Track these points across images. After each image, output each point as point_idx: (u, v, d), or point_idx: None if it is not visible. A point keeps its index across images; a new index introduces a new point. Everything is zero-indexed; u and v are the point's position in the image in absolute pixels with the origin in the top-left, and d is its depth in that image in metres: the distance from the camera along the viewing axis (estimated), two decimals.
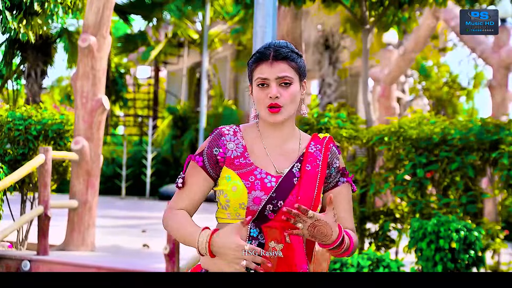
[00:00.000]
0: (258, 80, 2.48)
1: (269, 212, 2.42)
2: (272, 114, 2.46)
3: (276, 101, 2.45)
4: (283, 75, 2.47)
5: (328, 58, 19.02)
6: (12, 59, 11.46)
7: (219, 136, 2.51)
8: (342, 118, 7.51)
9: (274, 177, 2.46)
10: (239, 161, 2.48)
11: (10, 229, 7.20)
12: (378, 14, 8.90)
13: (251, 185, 2.43)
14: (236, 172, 2.46)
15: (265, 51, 2.50)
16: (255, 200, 2.42)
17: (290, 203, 2.43)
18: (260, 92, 2.48)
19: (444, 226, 5.96)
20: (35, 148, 7.91)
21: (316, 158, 2.52)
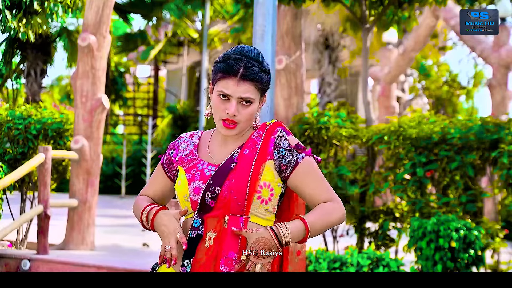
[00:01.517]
0: (220, 91, 2.49)
1: (209, 200, 2.47)
2: (225, 129, 2.51)
3: (233, 118, 2.48)
4: (245, 96, 2.47)
5: (328, 57, 19.01)
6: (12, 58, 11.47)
7: (177, 139, 2.67)
8: (341, 117, 7.51)
9: (214, 166, 2.52)
10: (187, 158, 2.58)
11: (10, 228, 7.20)
12: (378, 13, 8.90)
13: (191, 176, 2.51)
14: (183, 168, 2.56)
15: (234, 65, 2.46)
16: (195, 190, 2.49)
17: (227, 188, 2.45)
18: (219, 103, 2.50)
19: (444, 225, 5.96)
20: (35, 147, 7.91)
21: (255, 142, 2.53)
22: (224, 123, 2.49)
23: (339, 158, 7.46)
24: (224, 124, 2.49)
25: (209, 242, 2.44)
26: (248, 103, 2.48)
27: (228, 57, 2.49)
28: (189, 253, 2.46)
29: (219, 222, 2.45)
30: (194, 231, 2.48)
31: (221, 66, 2.50)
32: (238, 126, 2.50)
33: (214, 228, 2.45)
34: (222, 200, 2.45)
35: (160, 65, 24.80)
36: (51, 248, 7.74)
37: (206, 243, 2.44)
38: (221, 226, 2.45)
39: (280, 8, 7.89)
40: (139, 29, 20.82)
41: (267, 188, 2.47)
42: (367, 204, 7.28)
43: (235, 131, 2.51)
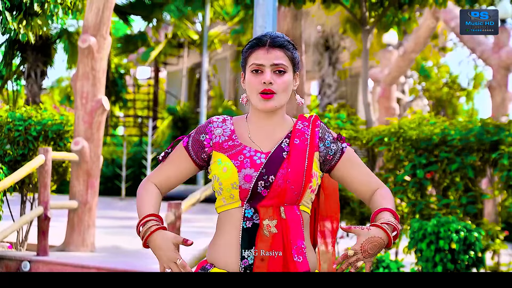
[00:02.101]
0: (252, 66, 2.48)
1: (262, 189, 2.42)
2: (264, 100, 2.46)
3: (269, 87, 2.46)
4: (278, 62, 2.47)
5: (328, 59, 19.03)
6: (12, 59, 11.47)
7: (208, 123, 2.55)
8: (342, 118, 7.51)
9: (263, 154, 2.47)
10: (227, 144, 2.49)
11: (10, 229, 7.20)
12: (378, 14, 8.91)
13: (240, 164, 2.44)
14: (226, 154, 2.47)
15: (261, 38, 2.52)
16: (246, 178, 2.42)
17: (281, 177, 2.43)
18: (253, 78, 2.48)
19: (444, 227, 5.95)
20: (35, 149, 7.91)
21: (304, 133, 2.52)
22: (261, 95, 2.46)
23: None
24: (262, 95, 2.46)
25: (269, 230, 2.40)
26: (282, 72, 2.48)
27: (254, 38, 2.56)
28: (249, 244, 2.39)
29: (274, 211, 2.42)
30: (249, 221, 2.41)
31: (248, 45, 2.53)
32: (275, 96, 2.46)
33: (272, 217, 2.41)
34: (276, 189, 2.42)
35: (160, 67, 24.82)
36: (51, 249, 7.74)
37: (265, 231, 2.40)
38: (279, 216, 2.42)
39: (280, 10, 7.90)
40: (139, 30, 20.85)
41: (315, 178, 2.50)
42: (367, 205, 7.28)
43: (273, 102, 2.46)
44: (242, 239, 2.40)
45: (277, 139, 2.51)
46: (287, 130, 2.54)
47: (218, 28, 21.00)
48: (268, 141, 2.51)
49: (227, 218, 2.46)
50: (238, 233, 2.42)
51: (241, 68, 2.58)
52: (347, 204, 7.23)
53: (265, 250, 2.39)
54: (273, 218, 2.41)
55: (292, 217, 2.43)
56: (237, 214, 2.44)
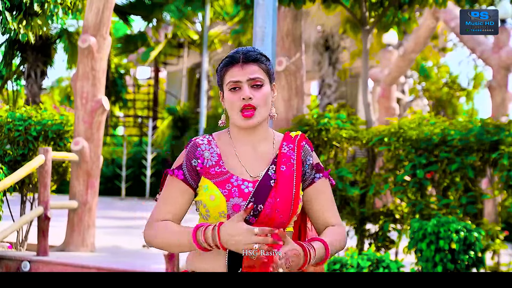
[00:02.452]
0: (230, 84, 2.49)
1: (250, 217, 2.42)
2: (245, 119, 2.47)
3: (249, 102, 2.46)
4: (254, 77, 2.48)
5: (328, 59, 19.02)
6: (12, 59, 11.47)
7: (195, 147, 2.50)
8: (342, 118, 7.51)
9: (250, 183, 2.46)
10: (214, 170, 2.47)
11: (10, 229, 7.20)
12: (378, 14, 8.90)
13: (228, 193, 2.42)
14: (212, 181, 2.45)
15: (234, 55, 2.51)
16: (235, 207, 2.41)
17: (269, 206, 2.43)
18: (232, 96, 2.48)
19: (444, 227, 5.95)
20: (35, 149, 7.91)
21: (289, 157, 2.52)
22: (242, 113, 2.46)
23: (339, 160, 7.46)
24: (243, 114, 2.46)
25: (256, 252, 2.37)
26: (259, 86, 2.48)
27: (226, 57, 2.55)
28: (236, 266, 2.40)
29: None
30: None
31: (222, 64, 2.54)
32: (256, 112, 2.47)
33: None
34: (264, 217, 2.42)
35: (160, 67, 24.81)
36: (51, 249, 7.74)
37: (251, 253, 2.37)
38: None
39: (280, 10, 7.90)
40: (139, 30, 20.85)
41: (301, 202, 2.52)
42: (367, 205, 7.28)
43: (255, 118, 2.47)
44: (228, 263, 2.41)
45: (264, 157, 2.51)
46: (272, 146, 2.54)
47: (218, 28, 21.00)
48: (256, 163, 2.50)
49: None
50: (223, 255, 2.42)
51: (218, 87, 2.57)
52: (347, 204, 7.23)
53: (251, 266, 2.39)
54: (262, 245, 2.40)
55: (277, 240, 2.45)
56: None
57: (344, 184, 7.08)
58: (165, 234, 2.43)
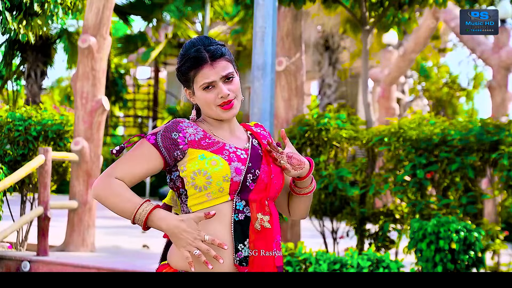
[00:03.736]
0: (204, 85, 2.51)
1: (250, 182, 2.46)
2: (226, 111, 2.52)
3: (228, 98, 2.51)
4: (226, 73, 2.52)
5: (328, 59, 19.02)
6: (12, 59, 11.48)
7: (177, 122, 2.51)
8: (342, 118, 7.51)
9: (243, 150, 2.53)
10: (205, 141, 2.50)
11: (10, 229, 7.20)
12: (378, 14, 8.90)
13: (228, 158, 2.46)
14: (208, 150, 2.47)
15: (199, 55, 2.50)
16: (237, 170, 2.45)
17: (264, 172, 2.50)
18: (208, 95, 2.51)
19: (444, 227, 5.95)
20: (35, 149, 7.91)
21: (265, 136, 2.64)
22: (222, 107, 2.52)
23: (339, 160, 7.47)
24: (223, 107, 2.52)
25: (261, 224, 2.43)
26: (231, 78, 2.53)
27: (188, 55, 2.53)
28: (242, 237, 2.41)
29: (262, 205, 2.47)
30: (241, 213, 2.43)
31: (188, 66, 2.52)
32: (235, 102, 2.53)
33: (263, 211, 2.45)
34: (261, 183, 2.48)
35: (160, 67, 24.81)
36: (51, 249, 7.74)
37: (257, 225, 2.43)
38: (265, 210, 2.46)
39: (280, 10, 7.90)
40: (139, 30, 20.83)
41: None
42: (367, 205, 7.28)
43: (235, 108, 2.54)
44: (234, 231, 2.42)
45: (241, 138, 2.60)
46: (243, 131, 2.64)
47: (218, 28, 21.00)
48: (238, 140, 2.58)
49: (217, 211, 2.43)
50: (228, 227, 2.42)
51: (184, 85, 2.58)
52: (347, 204, 7.23)
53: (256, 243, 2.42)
54: (266, 213, 2.46)
55: (274, 212, 2.51)
56: (226, 208, 2.44)
57: (344, 184, 7.08)
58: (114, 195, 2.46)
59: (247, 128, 2.66)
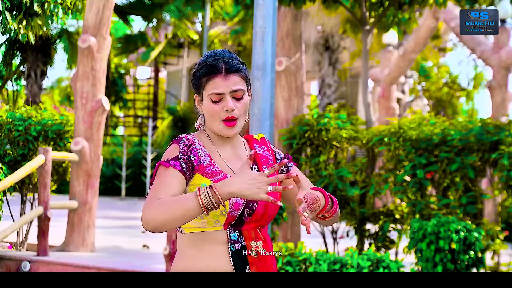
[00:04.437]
0: (212, 95, 2.50)
1: (246, 216, 2.48)
2: (228, 128, 2.51)
3: (232, 114, 2.50)
4: (237, 88, 2.50)
5: (328, 59, 19.03)
6: (12, 59, 11.47)
7: (190, 143, 2.49)
8: (342, 118, 7.51)
9: None
10: (210, 169, 2.49)
11: (10, 229, 7.20)
12: (378, 14, 8.90)
13: None
14: (211, 179, 2.47)
15: (216, 64, 2.51)
16: (235, 205, 2.45)
17: (261, 204, 2.49)
18: (214, 106, 2.51)
19: (444, 227, 5.95)
20: (35, 149, 7.91)
21: (267, 158, 2.62)
22: (225, 123, 2.51)
23: (339, 160, 7.46)
24: (226, 123, 2.51)
25: (257, 250, 2.47)
26: (240, 96, 2.52)
27: (205, 63, 2.53)
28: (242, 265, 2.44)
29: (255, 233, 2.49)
30: (236, 243, 2.46)
31: (202, 72, 2.53)
32: (237, 122, 2.52)
33: (256, 238, 2.48)
34: (256, 215, 2.49)
35: (160, 67, 24.81)
36: (51, 249, 7.74)
37: (252, 252, 2.46)
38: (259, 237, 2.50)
39: (280, 10, 7.90)
40: (139, 30, 20.84)
41: None
42: (367, 205, 7.28)
43: (236, 128, 2.52)
44: (233, 262, 2.44)
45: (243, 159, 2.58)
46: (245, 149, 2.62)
47: (218, 28, 21.00)
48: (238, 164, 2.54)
49: (207, 239, 2.46)
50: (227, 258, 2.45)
51: (195, 91, 2.58)
52: (347, 204, 7.23)
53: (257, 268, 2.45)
54: (258, 239, 2.49)
55: (267, 237, 2.54)
56: (220, 236, 2.46)
57: (344, 184, 7.08)
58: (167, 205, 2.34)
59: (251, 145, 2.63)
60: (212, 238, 2.46)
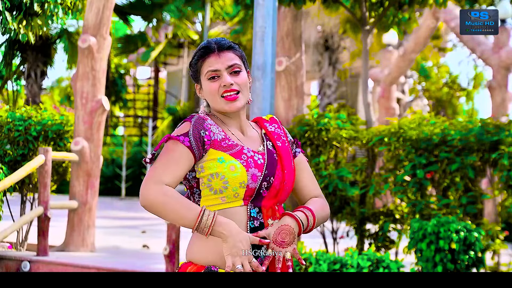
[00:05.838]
0: (208, 73, 2.52)
1: (264, 189, 2.48)
2: (229, 102, 2.51)
3: (231, 87, 2.51)
4: (232, 63, 2.53)
5: (328, 59, 19.02)
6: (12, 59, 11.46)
7: (202, 120, 2.50)
8: (342, 118, 7.51)
9: (260, 154, 2.52)
10: (225, 143, 2.49)
11: (10, 229, 7.20)
12: (378, 14, 8.90)
13: (246, 163, 2.46)
14: (227, 153, 2.46)
15: (208, 45, 2.55)
16: (253, 177, 2.45)
17: (278, 178, 2.51)
18: (212, 84, 2.52)
19: (444, 227, 5.95)
20: (35, 149, 7.91)
21: (280, 135, 2.64)
22: (226, 98, 2.51)
23: (339, 160, 7.46)
24: (227, 98, 2.51)
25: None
26: (238, 72, 2.53)
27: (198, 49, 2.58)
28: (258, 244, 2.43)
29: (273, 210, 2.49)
30: (256, 220, 2.46)
31: (197, 56, 2.56)
32: (240, 95, 2.52)
33: (273, 216, 2.48)
34: (273, 190, 2.49)
35: (160, 67, 24.81)
36: (51, 249, 7.74)
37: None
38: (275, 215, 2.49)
39: (280, 10, 7.90)
40: (139, 30, 20.83)
41: None
42: (367, 205, 7.28)
43: (239, 101, 2.52)
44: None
45: (254, 138, 2.59)
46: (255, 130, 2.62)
47: (218, 28, 20.99)
48: (251, 142, 2.56)
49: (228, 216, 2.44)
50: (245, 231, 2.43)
51: (194, 80, 2.60)
52: (347, 204, 7.23)
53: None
54: (274, 217, 2.48)
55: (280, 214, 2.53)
56: (240, 213, 2.45)
57: (344, 184, 7.08)
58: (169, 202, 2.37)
59: (261, 125, 2.65)
60: (233, 214, 2.44)
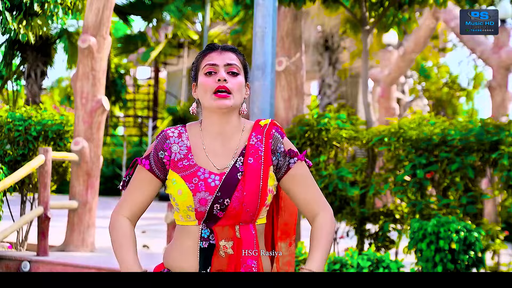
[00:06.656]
0: (206, 67, 2.49)
1: (218, 211, 2.42)
2: (218, 99, 2.45)
3: (224, 84, 2.46)
4: (232, 62, 2.49)
5: (328, 59, 19.02)
6: (12, 59, 11.47)
7: (164, 139, 2.50)
8: (342, 118, 7.51)
9: (217, 175, 2.44)
10: (182, 163, 2.46)
11: (10, 229, 7.20)
12: (378, 14, 8.90)
13: (195, 187, 2.42)
14: (180, 175, 2.45)
15: (212, 44, 2.55)
16: (201, 201, 2.41)
17: (236, 200, 2.42)
18: (207, 79, 2.48)
19: (444, 227, 5.95)
20: (35, 149, 7.91)
21: (257, 149, 2.49)
22: (216, 94, 2.45)
23: (339, 160, 7.46)
24: (217, 95, 2.45)
25: (225, 251, 2.41)
26: (235, 73, 2.49)
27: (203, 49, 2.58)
28: (205, 264, 2.41)
29: (230, 231, 2.42)
30: (205, 241, 2.42)
31: (198, 55, 2.56)
32: (231, 96, 2.46)
33: (228, 237, 2.42)
34: (231, 211, 2.42)
35: (160, 67, 24.81)
36: (51, 249, 7.74)
37: (221, 252, 2.41)
38: (234, 236, 2.42)
39: (280, 10, 7.90)
40: (139, 30, 20.85)
41: (270, 193, 2.49)
42: (367, 205, 7.28)
43: (228, 101, 2.45)
44: (200, 259, 2.42)
45: (232, 149, 2.49)
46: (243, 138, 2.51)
47: (218, 28, 21.00)
48: (223, 155, 2.48)
49: (185, 233, 2.47)
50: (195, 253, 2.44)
51: (193, 80, 2.57)
52: (347, 204, 7.23)
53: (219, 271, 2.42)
54: (229, 239, 2.42)
55: (247, 236, 2.44)
56: (194, 232, 2.45)
57: (344, 184, 7.08)
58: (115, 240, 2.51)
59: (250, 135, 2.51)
60: (188, 232, 2.46)
